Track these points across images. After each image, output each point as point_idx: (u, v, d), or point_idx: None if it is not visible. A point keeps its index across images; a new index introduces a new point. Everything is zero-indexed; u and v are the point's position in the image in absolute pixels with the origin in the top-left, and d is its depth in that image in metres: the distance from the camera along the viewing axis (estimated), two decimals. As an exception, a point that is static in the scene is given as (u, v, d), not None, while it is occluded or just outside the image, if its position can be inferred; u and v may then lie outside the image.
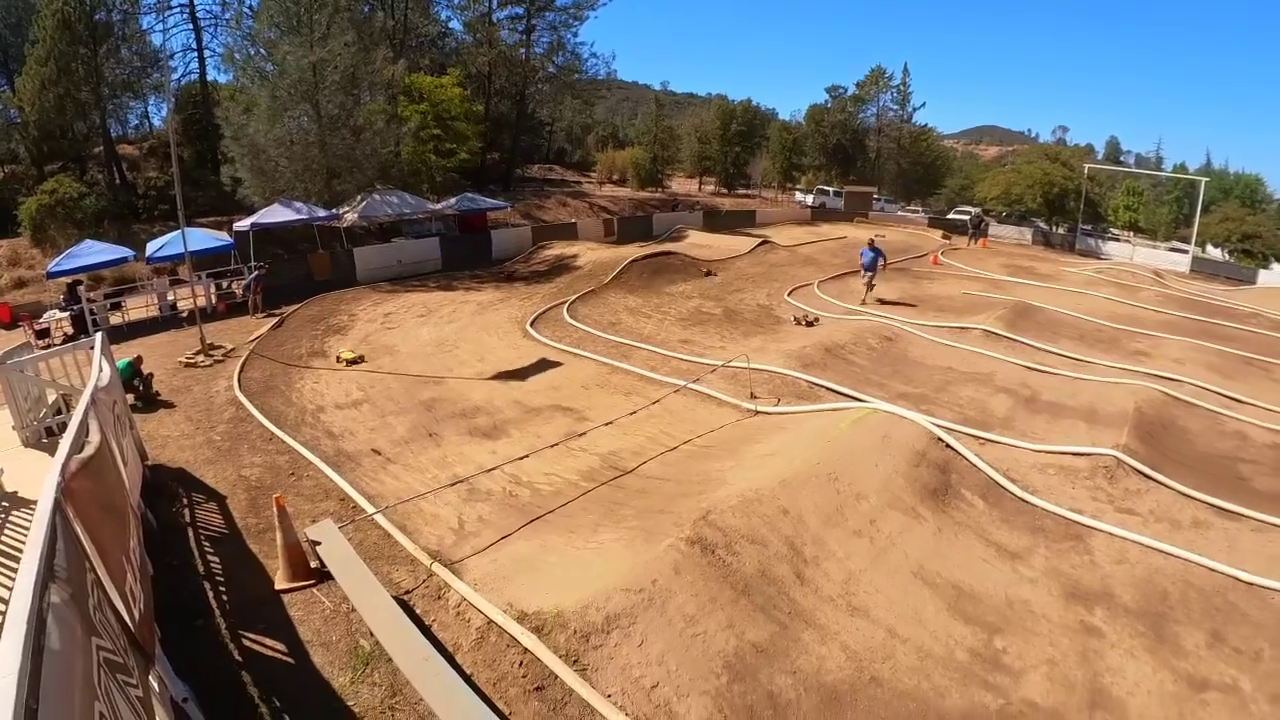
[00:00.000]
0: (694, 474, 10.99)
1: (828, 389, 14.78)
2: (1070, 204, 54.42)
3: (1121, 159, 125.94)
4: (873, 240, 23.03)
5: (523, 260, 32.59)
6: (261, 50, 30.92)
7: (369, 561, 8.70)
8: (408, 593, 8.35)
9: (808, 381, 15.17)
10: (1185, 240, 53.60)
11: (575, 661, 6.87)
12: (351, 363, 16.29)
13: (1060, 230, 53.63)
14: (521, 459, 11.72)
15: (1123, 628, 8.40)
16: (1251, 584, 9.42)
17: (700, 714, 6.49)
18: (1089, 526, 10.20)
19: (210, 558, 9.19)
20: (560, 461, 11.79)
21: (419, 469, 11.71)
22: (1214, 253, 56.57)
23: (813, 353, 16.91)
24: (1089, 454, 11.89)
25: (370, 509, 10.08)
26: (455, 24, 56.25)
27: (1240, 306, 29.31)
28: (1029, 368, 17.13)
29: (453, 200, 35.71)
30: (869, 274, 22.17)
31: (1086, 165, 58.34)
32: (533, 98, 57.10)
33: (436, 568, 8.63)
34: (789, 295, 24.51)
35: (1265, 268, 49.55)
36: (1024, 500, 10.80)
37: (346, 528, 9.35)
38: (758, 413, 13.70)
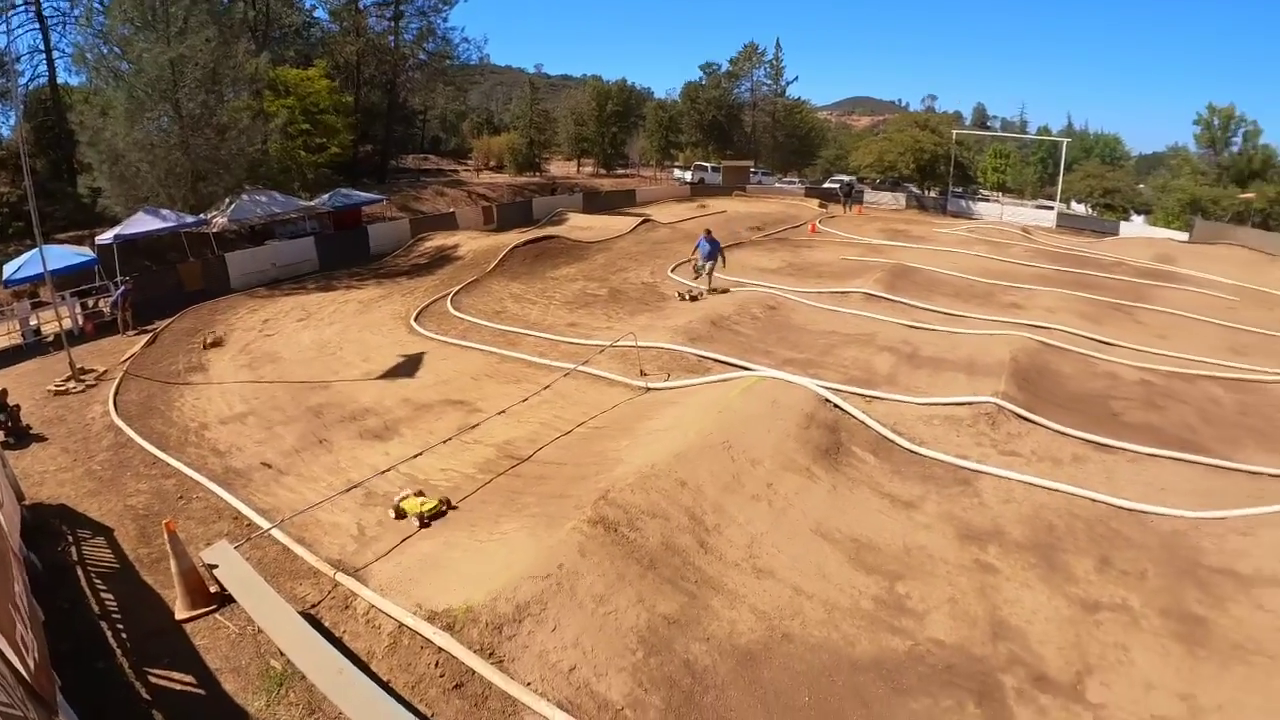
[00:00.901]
0: (591, 455, 11.05)
1: (716, 360, 15.07)
2: (941, 168, 56.61)
3: (988, 124, 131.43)
4: (709, 230, 22.64)
5: (402, 254, 31.92)
6: (115, 48, 29.14)
7: (270, 579, 8.46)
8: (314, 606, 8.16)
9: (696, 355, 15.43)
10: (1051, 197, 56.93)
11: (491, 654, 6.85)
12: (430, 518, 9.89)
13: (932, 194, 55.70)
14: (416, 457, 11.56)
15: (1016, 562, 8.88)
16: (1132, 510, 10.13)
17: (621, 690, 6.57)
18: (976, 471, 10.75)
19: (104, 595, 8.76)
20: (456, 456, 11.68)
21: (312, 478, 11.42)
22: (1078, 208, 60.33)
23: (699, 326, 17.16)
24: (971, 403, 12.49)
25: (266, 525, 9.78)
26: (320, 13, 54.30)
27: (1105, 256, 31.22)
28: (909, 326, 17.82)
29: (326, 197, 34.67)
30: (708, 263, 21.34)
31: (955, 131, 60.66)
32: (404, 86, 55.62)
33: (340, 577, 8.45)
34: (672, 272, 24.63)
35: (1126, 219, 52.96)
36: (913, 451, 11.30)
37: (243, 547, 9.06)
38: (649, 389, 13.84)
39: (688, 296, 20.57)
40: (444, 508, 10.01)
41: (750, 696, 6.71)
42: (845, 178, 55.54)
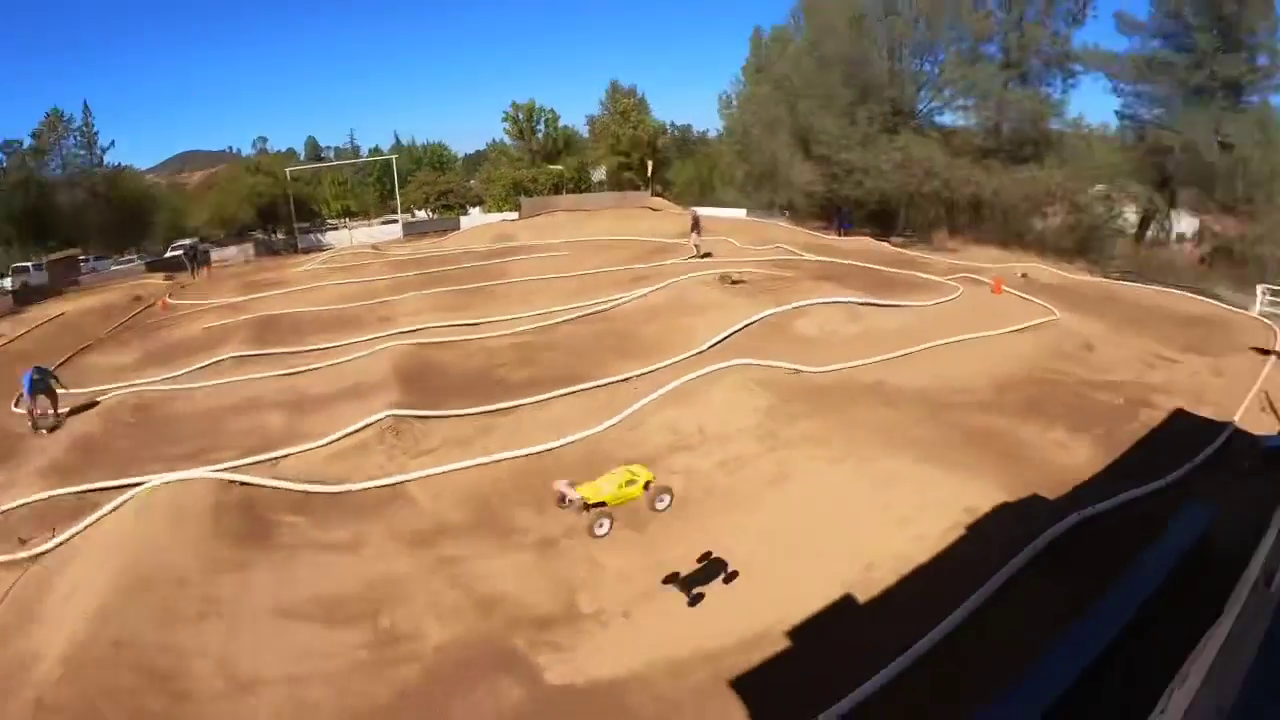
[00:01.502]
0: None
1: (101, 489, 12.55)
2: (282, 209, 55.77)
3: (323, 155, 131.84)
4: (37, 367, 18.93)
5: None
6: None
7: None
8: None
9: (73, 493, 12.50)
10: (394, 211, 60.08)
11: None
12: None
13: (281, 236, 54.63)
14: None
15: (467, 541, 9.59)
16: (541, 451, 11.68)
17: None
18: (400, 483, 11.11)
19: None
20: None
21: None
22: (421, 214, 65.22)
23: (67, 458, 14.17)
24: (370, 424, 12.67)
25: None
26: None
27: (453, 250, 34.36)
28: (292, 373, 17.11)
29: None
30: (30, 397, 18.21)
31: (289, 169, 60.15)
32: None
33: None
34: (15, 406, 20.14)
35: (465, 214, 59.30)
36: (335, 493, 11.11)
37: None
38: (37, 556, 11.42)
39: (45, 430, 17.21)
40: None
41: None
42: (187, 242, 51.14)
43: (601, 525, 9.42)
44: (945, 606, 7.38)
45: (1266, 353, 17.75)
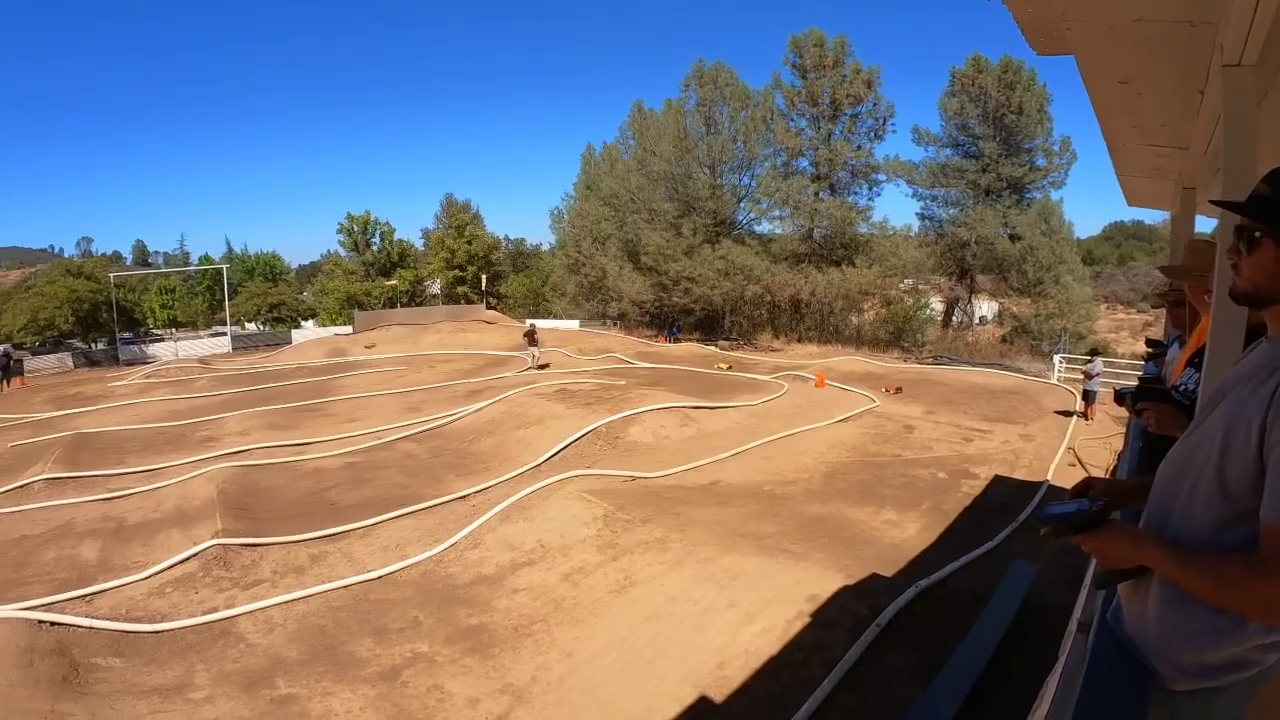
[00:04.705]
0: None
1: None
2: (104, 316, 52.04)
3: (150, 261, 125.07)
4: None
5: None
6: None
7: None
8: None
9: None
10: (223, 323, 57.39)
11: None
12: None
13: (101, 345, 51.03)
14: None
15: (307, 678, 8.92)
16: (380, 576, 11.14)
17: None
18: (229, 617, 10.32)
19: None
20: None
21: None
22: (251, 327, 62.51)
23: None
24: (194, 554, 11.78)
25: None
26: None
27: (284, 366, 33.02)
28: (109, 498, 15.56)
29: None
30: None
31: (113, 274, 55.98)
32: None
33: None
34: None
35: (298, 327, 57.27)
36: (157, 631, 10.23)
37: None
38: None
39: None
40: None
41: None
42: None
43: None
44: (800, 694, 7.50)
45: (1068, 414, 19.72)
